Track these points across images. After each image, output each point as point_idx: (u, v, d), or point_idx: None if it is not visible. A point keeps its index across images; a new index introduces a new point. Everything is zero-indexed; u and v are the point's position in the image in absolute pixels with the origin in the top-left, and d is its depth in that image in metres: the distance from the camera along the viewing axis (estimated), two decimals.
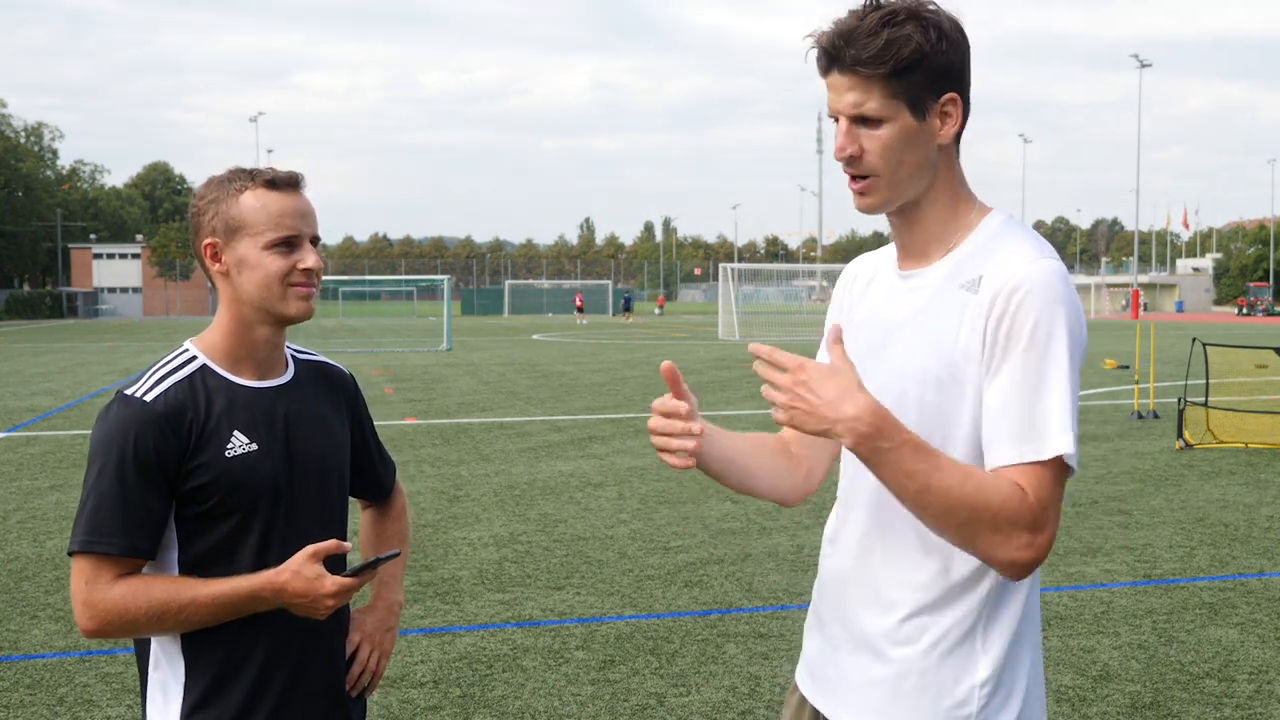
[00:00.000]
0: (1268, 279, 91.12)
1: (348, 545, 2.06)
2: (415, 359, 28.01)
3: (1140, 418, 13.95)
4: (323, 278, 2.14)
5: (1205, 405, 12.10)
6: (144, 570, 2.04)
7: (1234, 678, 4.99)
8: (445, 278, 37.75)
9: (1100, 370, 22.10)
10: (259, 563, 2.05)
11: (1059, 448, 1.69)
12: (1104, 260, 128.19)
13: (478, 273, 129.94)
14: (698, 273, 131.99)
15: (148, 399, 2.02)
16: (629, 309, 66.40)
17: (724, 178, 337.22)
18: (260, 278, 2.05)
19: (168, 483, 2.01)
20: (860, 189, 1.82)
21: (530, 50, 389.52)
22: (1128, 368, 22.11)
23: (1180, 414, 11.80)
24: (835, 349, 1.73)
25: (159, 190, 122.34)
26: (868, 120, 1.78)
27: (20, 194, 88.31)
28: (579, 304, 64.45)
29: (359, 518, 2.52)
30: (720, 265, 46.65)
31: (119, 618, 1.97)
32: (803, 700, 2.03)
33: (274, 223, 2.05)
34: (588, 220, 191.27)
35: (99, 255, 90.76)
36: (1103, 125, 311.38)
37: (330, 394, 2.26)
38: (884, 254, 2.00)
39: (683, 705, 4.71)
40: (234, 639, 2.05)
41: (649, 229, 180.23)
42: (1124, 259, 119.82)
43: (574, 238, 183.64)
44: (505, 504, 8.92)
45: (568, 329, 50.07)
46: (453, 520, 8.31)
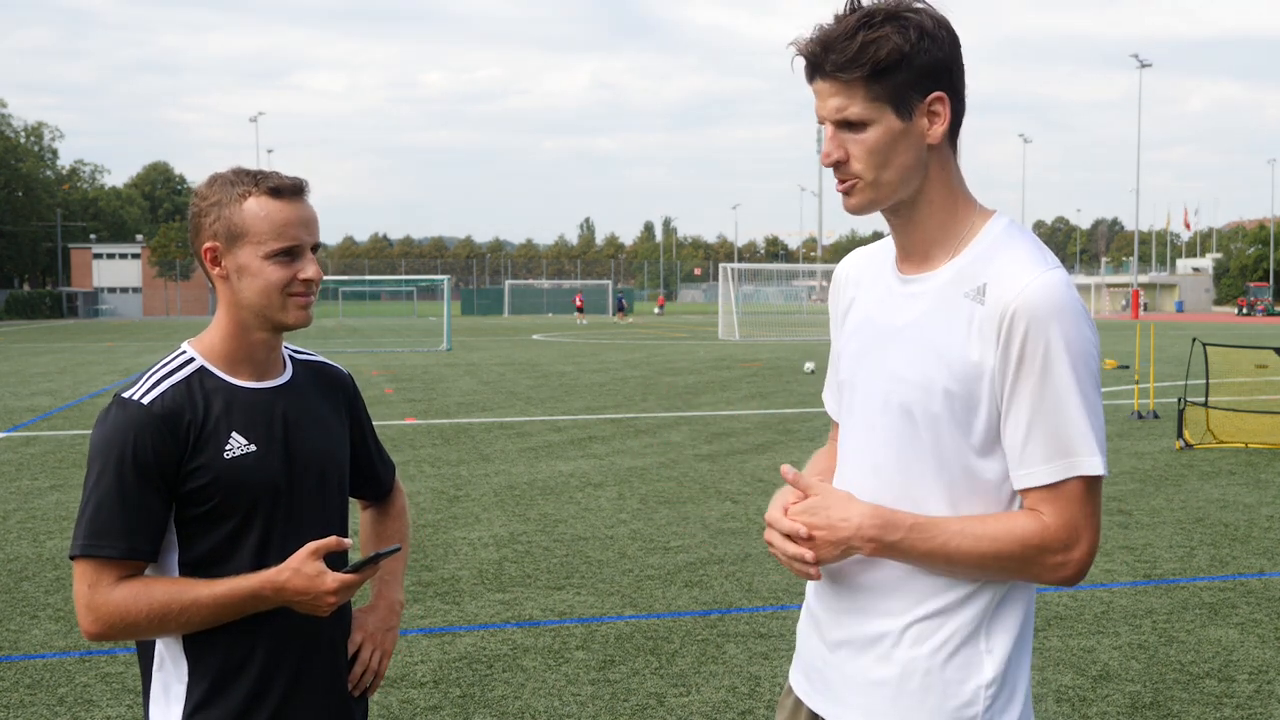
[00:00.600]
0: (1268, 279, 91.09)
1: (348, 542, 2.06)
2: (415, 359, 28.01)
3: (1140, 418, 13.96)
4: (322, 278, 2.14)
5: (1205, 405, 12.10)
6: (145, 572, 2.04)
7: (1234, 678, 4.99)
8: (445, 278, 37.76)
9: (1100, 370, 22.08)
10: (259, 563, 2.05)
11: (1088, 468, 1.73)
12: (1104, 260, 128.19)
13: (478, 273, 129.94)
14: (698, 273, 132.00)
15: (145, 401, 2.02)
16: (622, 309, 66.55)
17: (724, 178, 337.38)
18: (260, 286, 2.05)
19: (167, 485, 2.01)
20: (844, 189, 1.82)
21: (530, 50, 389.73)
22: (1128, 368, 22.12)
23: (1180, 414, 11.80)
24: (799, 481, 1.86)
25: (159, 190, 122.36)
26: (852, 124, 1.78)
27: (20, 194, 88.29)
28: (579, 304, 64.48)
29: (358, 517, 2.53)
30: (720, 265, 46.66)
31: (121, 620, 1.98)
32: (798, 702, 2.02)
33: (276, 233, 2.04)
34: (588, 220, 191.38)
35: (99, 255, 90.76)
36: (1103, 125, 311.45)
37: (329, 394, 2.26)
38: (880, 252, 1.97)
39: (683, 705, 4.71)
40: (236, 639, 2.05)
41: (649, 229, 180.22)
42: (1124, 259, 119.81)
43: (574, 238, 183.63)
44: (505, 504, 8.92)
45: (568, 329, 50.07)
46: (453, 520, 8.31)
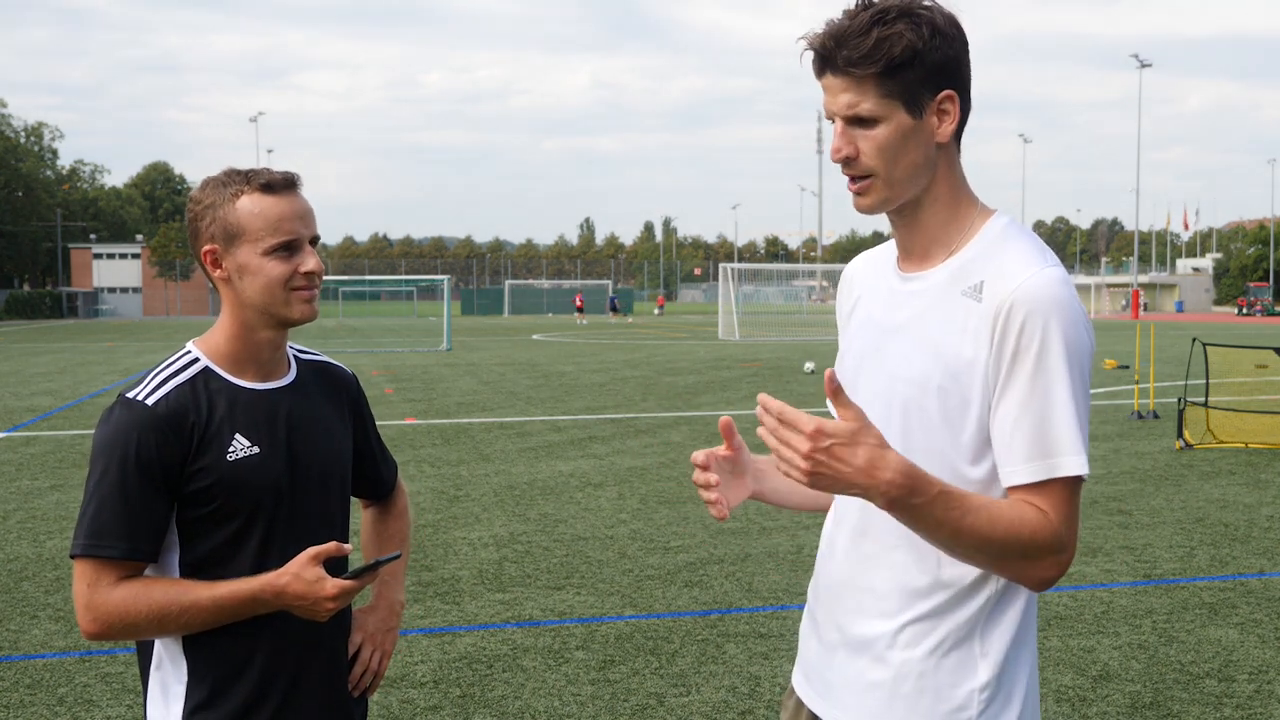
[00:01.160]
0: (1268, 279, 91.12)
1: (348, 547, 2.05)
2: (415, 359, 28.01)
3: (1140, 418, 13.95)
4: (323, 277, 2.14)
5: (1205, 405, 12.10)
6: (146, 573, 2.04)
7: (1234, 678, 4.99)
8: (445, 278, 37.73)
9: (1100, 370, 22.10)
10: (260, 565, 2.05)
11: (1072, 468, 1.70)
12: (1104, 260, 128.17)
13: (478, 273, 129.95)
14: (698, 273, 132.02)
15: (149, 402, 2.02)
16: (615, 309, 66.68)
17: (724, 178, 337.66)
18: (262, 283, 2.05)
19: (169, 486, 2.01)
20: (858, 189, 1.81)
21: (530, 50, 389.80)
22: (1128, 368, 22.12)
23: (1180, 414, 11.80)
24: (843, 406, 1.60)
25: (159, 190, 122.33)
26: (863, 120, 1.77)
27: (20, 194, 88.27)
28: (579, 304, 64.50)
29: (360, 517, 2.53)
30: (720, 265, 46.66)
31: (121, 620, 1.97)
32: (800, 704, 2.02)
33: (272, 228, 2.03)
34: (588, 220, 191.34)
35: (99, 255, 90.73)
36: (1103, 125, 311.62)
37: (332, 394, 2.26)
38: (883, 253, 1.98)
39: (683, 705, 4.71)
40: (236, 640, 2.05)
41: (649, 229, 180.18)
42: (1124, 259, 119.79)
43: (574, 238, 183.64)
44: (505, 504, 8.92)
45: (568, 329, 50.07)
46: (453, 520, 8.31)
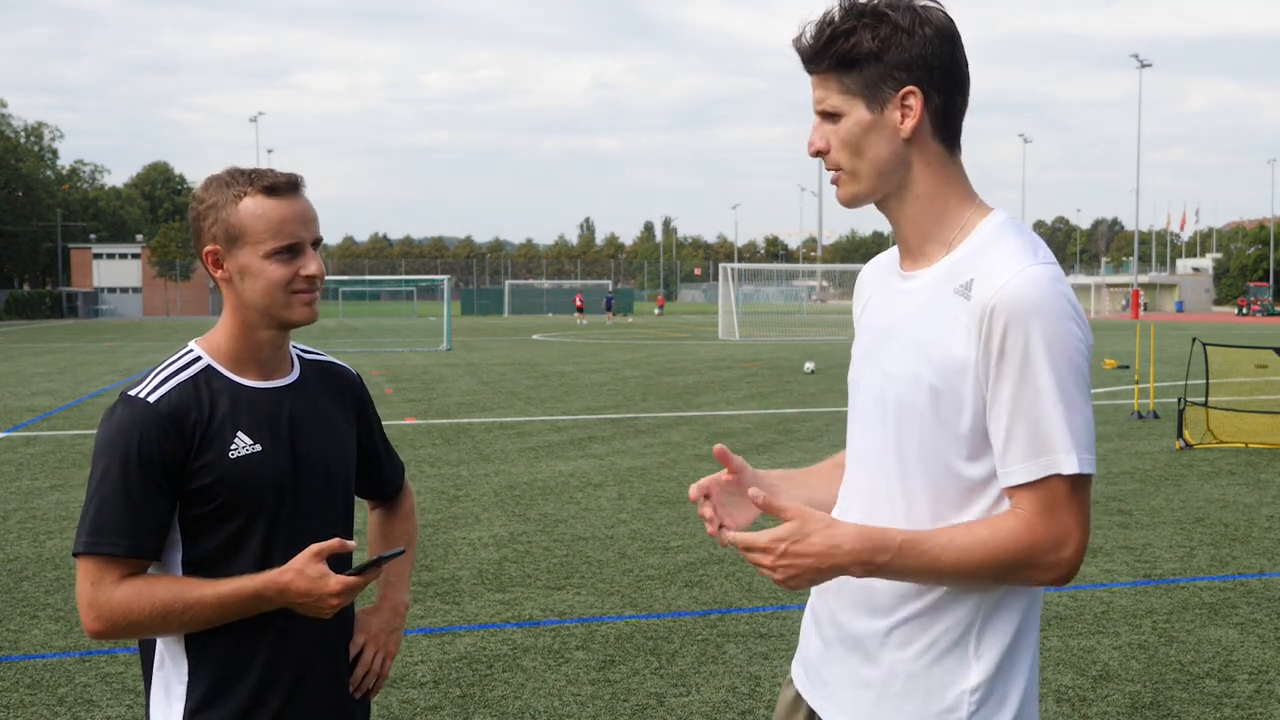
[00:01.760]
0: (1268, 279, 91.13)
1: (352, 544, 2.05)
2: (415, 359, 28.01)
3: (1140, 418, 13.95)
4: (325, 274, 2.14)
5: (1205, 405, 12.10)
6: (149, 571, 2.04)
7: (1234, 678, 4.99)
8: (445, 278, 37.73)
9: (1100, 370, 22.11)
10: (263, 563, 2.05)
11: (1066, 466, 1.70)
12: (1104, 260, 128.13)
13: (478, 273, 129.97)
14: (698, 273, 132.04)
15: (152, 400, 2.02)
16: (610, 309, 66.86)
17: (724, 178, 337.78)
18: (263, 286, 2.05)
19: (172, 483, 2.01)
20: (833, 180, 1.89)
21: (530, 50, 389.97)
22: (1128, 368, 22.12)
23: (1180, 414, 11.80)
24: (779, 510, 1.74)
25: (159, 190, 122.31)
26: (830, 115, 1.84)
27: (20, 194, 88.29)
28: (579, 304, 64.53)
29: (364, 517, 2.53)
30: (720, 265, 46.67)
31: (124, 618, 1.98)
32: (797, 696, 2.04)
33: (274, 231, 2.03)
34: (588, 220, 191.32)
35: (99, 255, 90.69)
36: (1103, 125, 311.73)
37: (336, 394, 2.26)
38: (892, 255, 2.01)
39: (683, 705, 4.71)
40: (237, 639, 2.06)
41: (649, 229, 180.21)
42: (1124, 259, 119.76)
43: (574, 238, 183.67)
44: (505, 504, 8.92)
45: (568, 329, 50.07)
46: (453, 520, 8.31)
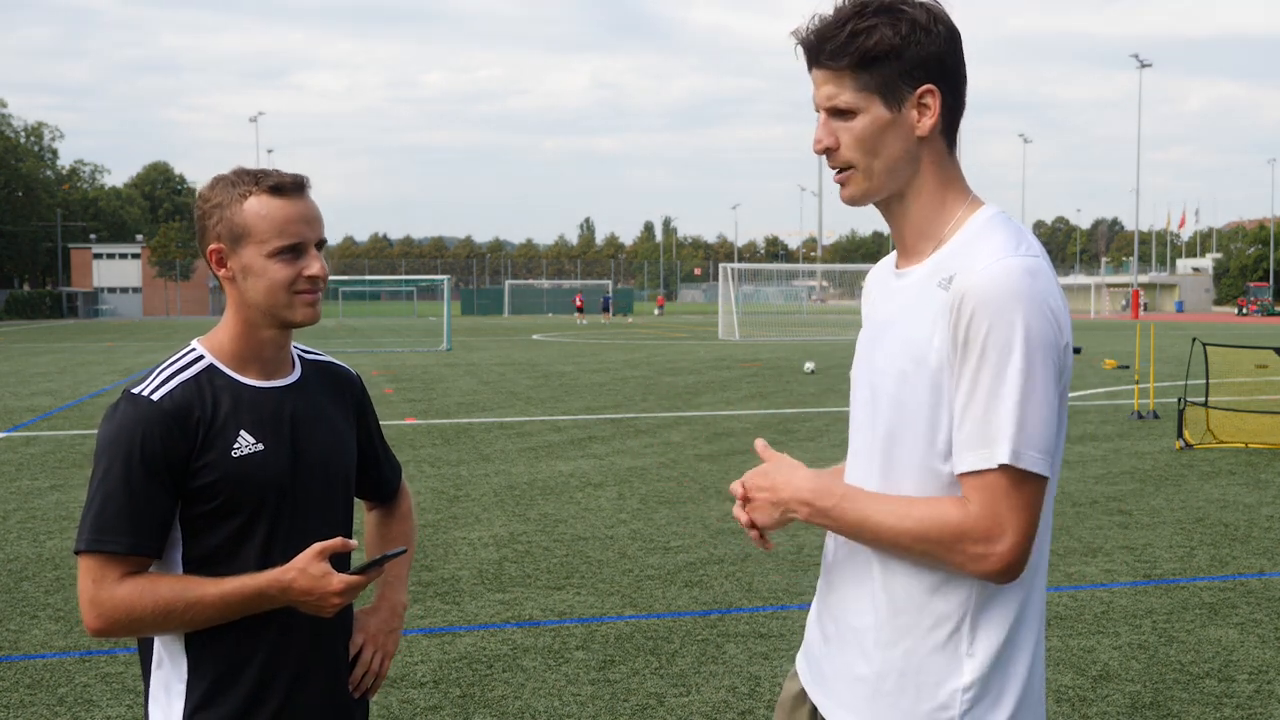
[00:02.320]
0: (1268, 279, 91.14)
1: (354, 543, 2.05)
2: (415, 359, 28.01)
3: (1140, 418, 13.95)
4: (329, 275, 2.14)
5: (1205, 405, 12.10)
6: (150, 569, 2.04)
7: (1234, 678, 4.99)
8: (445, 278, 37.72)
9: (1100, 370, 22.11)
10: (263, 562, 2.05)
11: (1001, 456, 1.68)
12: (1104, 260, 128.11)
13: (478, 273, 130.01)
14: (698, 273, 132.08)
15: (155, 398, 2.02)
16: (607, 309, 67.10)
17: (724, 178, 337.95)
18: (265, 285, 2.05)
19: (174, 482, 2.01)
20: (840, 180, 1.86)
21: (530, 50, 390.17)
22: (1128, 368, 22.11)
23: (1180, 414, 11.80)
24: (764, 451, 1.96)
25: (159, 190, 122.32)
26: (842, 112, 1.81)
27: (20, 194, 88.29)
28: (579, 304, 64.55)
29: (363, 518, 2.53)
30: (720, 265, 46.67)
31: (125, 616, 1.98)
32: (803, 691, 2.05)
33: (278, 231, 2.04)
34: (588, 220, 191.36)
35: (99, 255, 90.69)
36: (1103, 125, 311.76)
37: (337, 394, 2.27)
38: (893, 255, 2.01)
39: (683, 705, 4.71)
40: (237, 639, 2.06)
41: (649, 229, 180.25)
42: (1124, 259, 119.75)
43: (574, 238, 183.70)
44: (505, 504, 8.92)
45: (568, 329, 50.07)
46: (453, 520, 8.31)
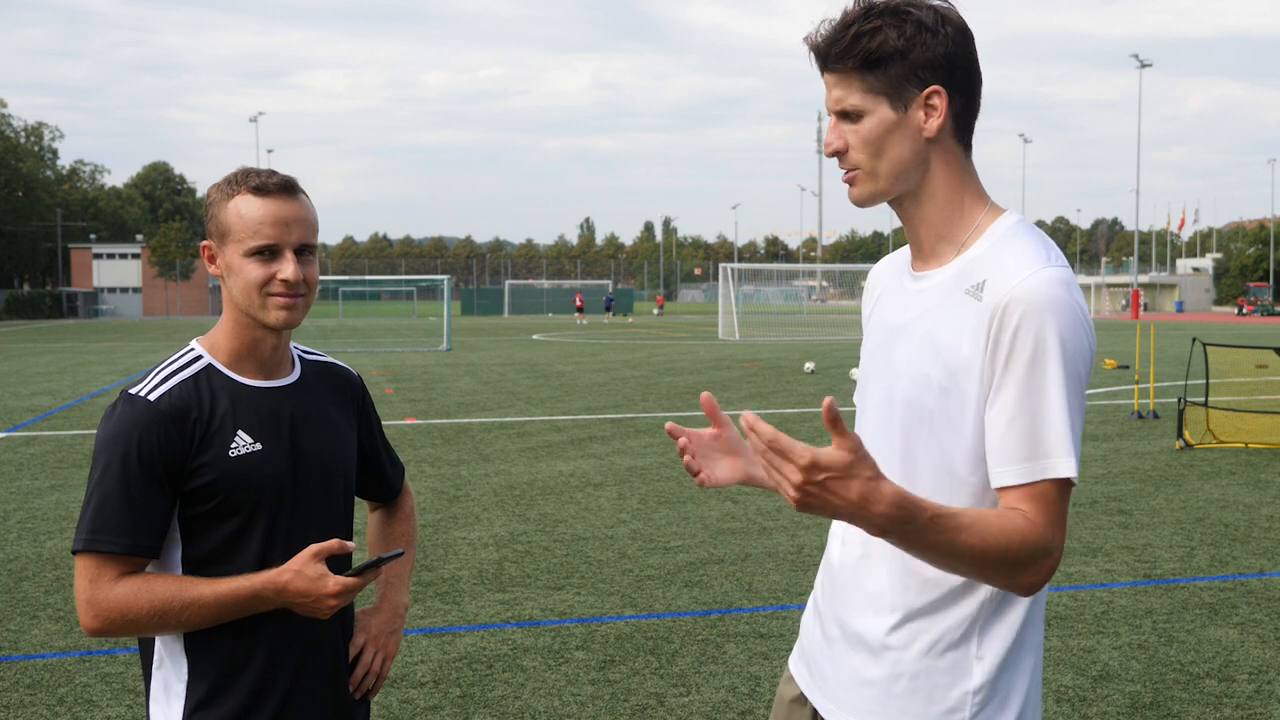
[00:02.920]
0: (1268, 279, 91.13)
1: (351, 545, 2.05)
2: (415, 359, 28.01)
3: (1140, 418, 13.95)
4: (315, 280, 2.12)
5: (1205, 405, 12.09)
6: (148, 569, 2.04)
7: (1234, 678, 4.99)
8: (445, 278, 37.72)
9: (1100, 370, 22.09)
10: (262, 562, 2.05)
11: (1063, 470, 1.68)
12: (1104, 260, 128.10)
13: (478, 273, 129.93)
14: (698, 273, 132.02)
15: (152, 398, 2.02)
16: (609, 309, 67.18)
17: (724, 178, 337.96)
18: (241, 285, 2.06)
19: (171, 482, 2.01)
20: (848, 179, 1.86)
21: (530, 50, 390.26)
22: (1128, 368, 22.09)
23: (1180, 414, 11.79)
24: (840, 435, 1.52)
25: (159, 190, 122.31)
26: (850, 115, 1.82)
27: (20, 194, 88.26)
28: (579, 304, 64.54)
29: (364, 518, 2.52)
30: (720, 265, 46.66)
31: (122, 617, 1.97)
32: (801, 695, 2.04)
33: (252, 231, 2.03)
34: (588, 220, 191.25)
35: (99, 255, 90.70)
36: (1103, 125, 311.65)
37: (337, 395, 2.26)
38: (903, 255, 2.01)
39: (683, 705, 4.71)
40: (237, 639, 2.05)
41: (649, 229, 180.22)
42: (1124, 259, 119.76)
43: (574, 238, 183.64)
44: (505, 504, 8.92)
45: (568, 329, 50.06)
46: (453, 520, 8.30)
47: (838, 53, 1.80)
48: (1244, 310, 74.10)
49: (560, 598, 6.26)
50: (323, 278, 2.56)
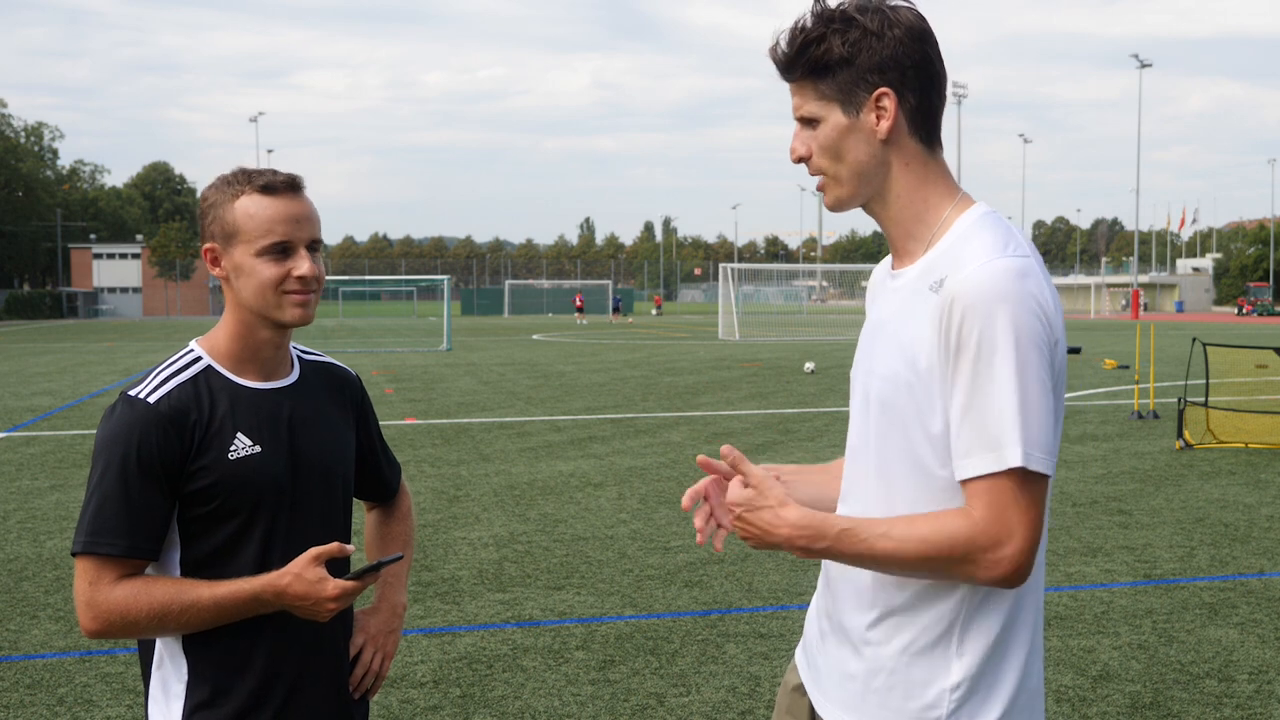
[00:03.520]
0: (1268, 279, 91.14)
1: (350, 548, 2.05)
2: (415, 359, 28.01)
3: (1140, 418, 13.94)
4: (324, 277, 2.13)
5: (1205, 405, 12.09)
6: (147, 571, 2.04)
7: (1234, 678, 4.99)
8: (445, 278, 37.72)
9: (1100, 370, 22.11)
10: (261, 564, 2.05)
11: (1011, 460, 1.67)
12: (1104, 260, 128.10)
13: (478, 273, 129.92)
14: (698, 273, 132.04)
15: (151, 400, 2.02)
16: (618, 309, 67.24)
17: (724, 178, 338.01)
18: (255, 285, 2.05)
19: (170, 484, 2.01)
20: (819, 187, 1.92)
21: (531, 50, 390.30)
22: (1128, 368, 22.11)
23: (1180, 414, 11.79)
24: (743, 475, 1.82)
25: (159, 190, 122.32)
26: (809, 121, 1.87)
27: (20, 194, 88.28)
28: (579, 304, 64.55)
29: (362, 518, 2.52)
30: (720, 265, 46.67)
31: (121, 619, 1.97)
32: (800, 685, 2.08)
33: (265, 229, 2.03)
34: (588, 220, 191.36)
35: (99, 255, 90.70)
36: (1103, 125, 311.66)
37: (336, 395, 2.26)
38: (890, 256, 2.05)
39: (683, 705, 4.71)
40: (236, 640, 2.05)
41: (649, 229, 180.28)
42: (1124, 259, 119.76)
43: (574, 238, 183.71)
44: (505, 504, 8.92)
45: (568, 329, 50.06)
46: (453, 520, 8.30)
47: (790, 62, 1.85)
48: (1243, 310, 74.17)
49: (560, 598, 6.26)
50: (323, 275, 2.53)
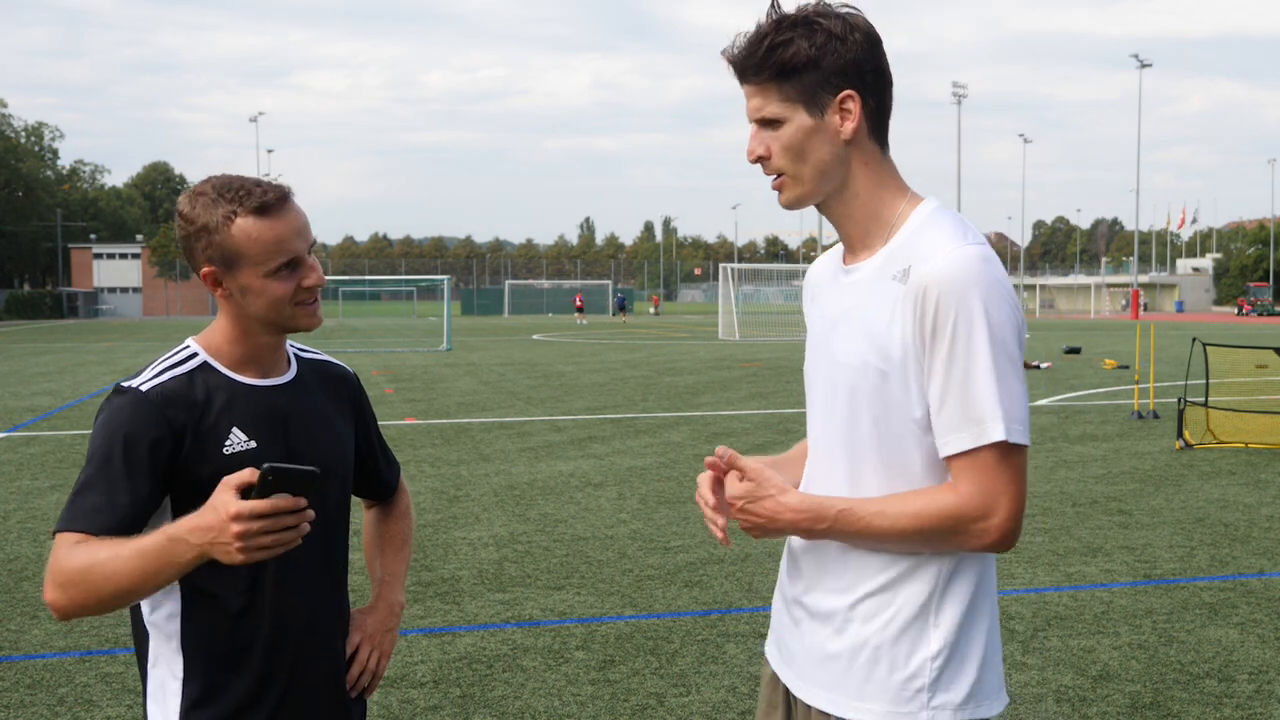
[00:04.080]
0: (1268, 279, 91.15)
1: (256, 473, 1.80)
2: (415, 359, 28.01)
3: (1140, 418, 13.95)
4: (325, 279, 2.13)
5: (1205, 405, 12.09)
6: None
7: (1234, 678, 4.99)
8: (445, 278, 37.73)
9: (1100, 370, 22.11)
10: (256, 564, 2.03)
11: (994, 434, 1.78)
12: (1104, 260, 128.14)
13: (478, 273, 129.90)
14: (698, 273, 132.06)
15: (144, 389, 2.01)
16: (623, 308, 67.26)
17: (724, 178, 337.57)
18: (267, 302, 2.04)
19: (157, 473, 1.98)
20: (775, 186, 1.95)
21: (531, 50, 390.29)
22: (1128, 368, 22.11)
23: (1180, 414, 11.79)
24: (740, 471, 1.93)
25: (159, 190, 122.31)
26: (770, 122, 1.90)
27: (20, 194, 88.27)
28: (579, 304, 64.54)
29: (361, 517, 2.52)
30: (720, 265, 46.67)
31: (63, 577, 1.88)
32: (775, 675, 2.10)
33: (272, 252, 2.01)
34: (588, 220, 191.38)
35: (99, 255, 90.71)
36: (1103, 125, 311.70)
37: (333, 393, 2.26)
38: (835, 252, 2.09)
39: (683, 705, 4.71)
40: (232, 637, 2.05)
41: (649, 229, 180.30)
42: (1124, 259, 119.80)
43: (574, 238, 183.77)
44: (505, 504, 8.92)
45: (568, 329, 50.06)
46: (453, 520, 8.30)
47: (754, 65, 1.88)
48: (1243, 310, 74.20)
49: (560, 598, 6.26)
50: (324, 278, 2.54)
